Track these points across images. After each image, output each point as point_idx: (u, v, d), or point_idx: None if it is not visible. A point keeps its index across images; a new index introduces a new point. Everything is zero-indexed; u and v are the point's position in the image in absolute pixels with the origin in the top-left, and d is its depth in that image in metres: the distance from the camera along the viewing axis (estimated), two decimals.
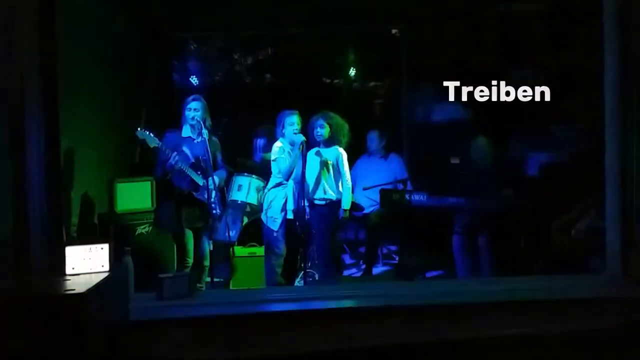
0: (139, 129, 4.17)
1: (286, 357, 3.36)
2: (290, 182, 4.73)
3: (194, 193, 4.38)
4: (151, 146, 4.18)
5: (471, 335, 3.43)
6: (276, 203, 4.74)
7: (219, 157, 4.56)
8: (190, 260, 4.48)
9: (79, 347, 2.32)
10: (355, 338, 3.43)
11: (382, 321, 3.51)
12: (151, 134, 4.17)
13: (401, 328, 3.47)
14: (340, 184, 4.88)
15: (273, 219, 4.74)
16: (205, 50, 8.98)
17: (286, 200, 4.73)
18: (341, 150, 4.90)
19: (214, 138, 4.51)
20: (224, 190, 4.81)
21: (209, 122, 4.39)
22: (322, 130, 4.85)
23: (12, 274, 3.00)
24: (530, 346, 3.44)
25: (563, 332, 3.45)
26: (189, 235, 4.49)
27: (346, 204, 4.87)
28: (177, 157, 4.17)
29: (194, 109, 4.34)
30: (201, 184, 4.35)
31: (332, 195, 4.82)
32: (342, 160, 4.89)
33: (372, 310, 3.59)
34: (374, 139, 5.88)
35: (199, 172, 4.32)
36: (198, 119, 4.31)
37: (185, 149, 4.30)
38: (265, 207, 4.81)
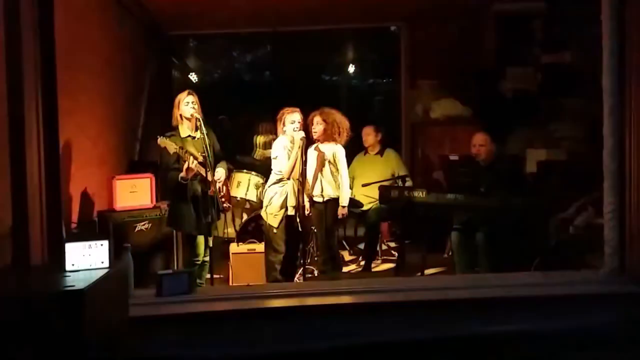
0: (159, 137, 4.16)
1: (286, 353, 3.37)
2: (291, 179, 4.73)
3: (207, 190, 4.37)
4: (171, 152, 4.16)
5: (470, 332, 3.45)
6: (276, 200, 4.74)
7: (218, 149, 4.54)
8: (201, 258, 4.50)
9: (78, 343, 2.33)
10: (355, 334, 3.45)
11: (381, 317, 3.52)
12: (169, 140, 4.17)
13: (400, 324, 3.48)
14: (338, 181, 4.89)
15: (273, 215, 4.74)
16: (205, 48, 8.99)
17: (286, 197, 4.73)
18: (339, 146, 4.89)
19: (210, 132, 4.49)
20: (227, 183, 4.81)
21: (202, 116, 4.37)
22: (318, 127, 4.85)
23: (11, 270, 3.01)
24: (528, 342, 3.46)
25: (561, 329, 3.47)
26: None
27: (344, 201, 4.87)
28: (195, 161, 4.17)
29: (191, 103, 4.32)
30: (210, 180, 4.35)
31: (329, 192, 4.82)
32: (340, 156, 4.88)
33: (371, 306, 3.61)
34: (369, 133, 5.89)
35: (206, 169, 4.32)
36: (195, 113, 4.30)
37: (190, 149, 4.28)
38: (265, 203, 4.81)
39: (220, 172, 4.44)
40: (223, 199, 4.47)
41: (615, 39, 3.76)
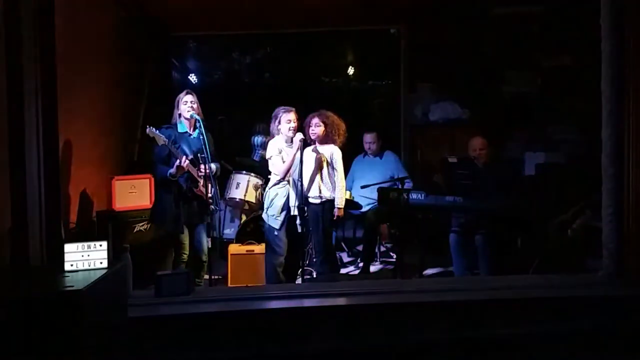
0: (147, 127, 4.16)
1: (284, 354, 3.38)
2: (291, 180, 4.73)
3: (194, 189, 4.37)
4: (159, 144, 4.16)
5: (468, 334, 3.45)
6: (277, 201, 4.72)
7: (212, 150, 4.53)
8: (186, 255, 4.47)
9: (77, 344, 2.33)
10: (353, 335, 3.45)
11: (379, 319, 3.52)
12: (159, 132, 4.16)
13: (399, 326, 3.49)
14: (335, 182, 4.89)
15: (275, 217, 4.73)
16: (205, 49, 8.99)
17: (288, 198, 4.72)
18: (336, 148, 4.89)
19: (206, 131, 4.48)
20: (217, 183, 4.80)
21: (202, 116, 4.38)
22: (317, 129, 4.85)
23: (11, 270, 3.01)
24: (526, 344, 3.47)
25: (559, 331, 3.47)
26: (186, 232, 4.47)
27: (339, 202, 4.86)
28: (186, 160, 4.17)
29: (190, 102, 4.34)
30: (200, 180, 4.35)
31: (326, 193, 4.82)
32: (337, 157, 4.88)
33: (369, 307, 3.61)
34: (371, 141, 5.85)
35: (197, 167, 4.32)
36: (193, 112, 4.31)
37: (184, 145, 4.30)
38: (266, 205, 4.80)
39: (213, 171, 4.44)
40: (211, 200, 4.42)
41: (614, 42, 3.77)
